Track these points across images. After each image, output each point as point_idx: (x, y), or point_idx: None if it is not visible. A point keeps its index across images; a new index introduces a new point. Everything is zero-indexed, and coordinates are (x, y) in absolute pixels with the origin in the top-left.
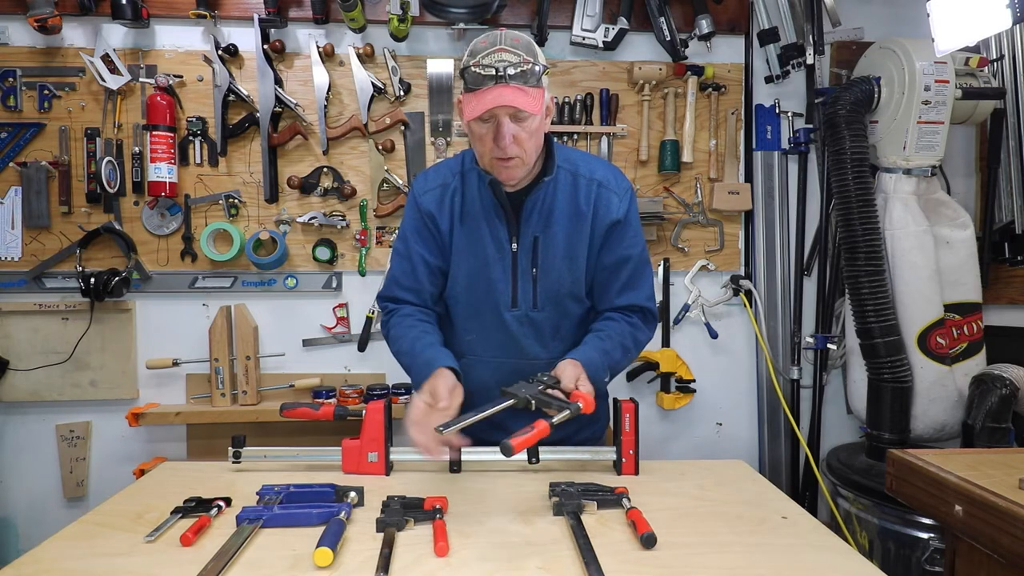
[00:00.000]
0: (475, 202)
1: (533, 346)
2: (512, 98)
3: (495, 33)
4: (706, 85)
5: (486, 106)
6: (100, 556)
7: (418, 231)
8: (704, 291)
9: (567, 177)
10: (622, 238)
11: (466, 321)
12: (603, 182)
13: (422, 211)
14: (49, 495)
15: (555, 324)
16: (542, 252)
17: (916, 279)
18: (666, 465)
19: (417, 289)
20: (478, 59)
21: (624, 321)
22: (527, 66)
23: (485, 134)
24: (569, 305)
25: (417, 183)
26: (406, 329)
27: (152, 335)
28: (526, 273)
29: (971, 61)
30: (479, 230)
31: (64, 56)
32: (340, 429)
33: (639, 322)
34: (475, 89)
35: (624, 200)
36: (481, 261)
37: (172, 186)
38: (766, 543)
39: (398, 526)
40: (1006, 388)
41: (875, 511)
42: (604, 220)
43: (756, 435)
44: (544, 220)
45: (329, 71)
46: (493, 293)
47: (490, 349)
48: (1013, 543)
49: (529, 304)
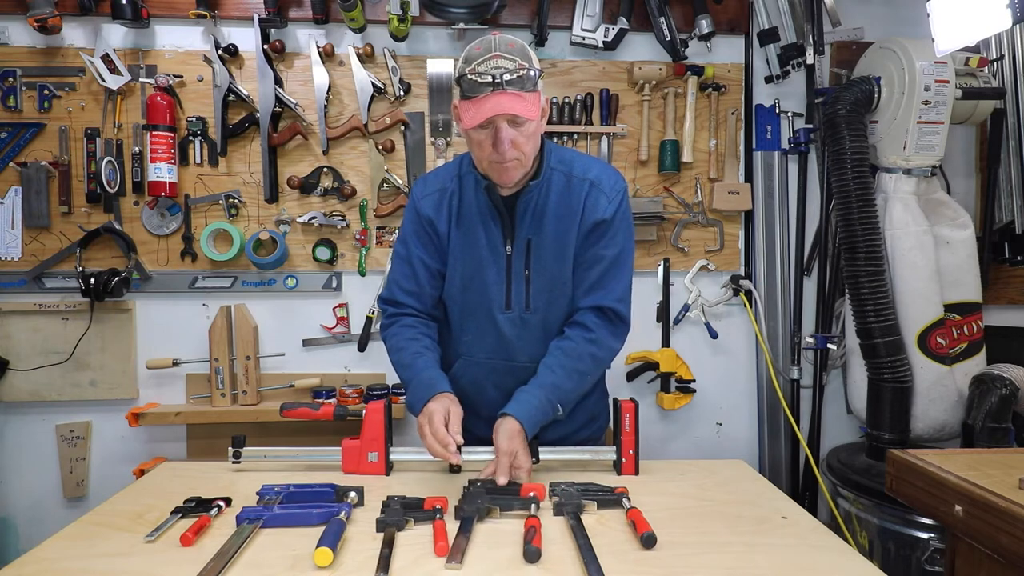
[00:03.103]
0: (471, 205)
1: (526, 347)
2: (510, 105)
3: (489, 39)
4: (706, 85)
5: (485, 115)
6: (100, 556)
7: (417, 235)
8: (704, 291)
9: (561, 178)
10: (601, 238)
11: (462, 323)
12: (595, 182)
13: (421, 216)
14: (49, 495)
15: (548, 325)
16: (535, 254)
17: (916, 279)
18: (666, 465)
19: (418, 293)
20: (474, 66)
21: (583, 340)
22: (523, 71)
23: (483, 140)
24: (562, 306)
25: (416, 188)
26: (408, 341)
27: (152, 335)
28: (519, 275)
29: (971, 61)
30: (475, 233)
31: (64, 56)
32: (340, 429)
33: (602, 333)
34: (472, 96)
35: (613, 201)
36: (476, 263)
37: (172, 186)
38: (766, 543)
39: (398, 526)
40: (1006, 388)
41: (875, 511)
42: (590, 219)
43: (756, 435)
44: (537, 222)
45: (329, 71)
46: (487, 295)
47: (484, 350)
48: (1013, 543)
49: (522, 306)
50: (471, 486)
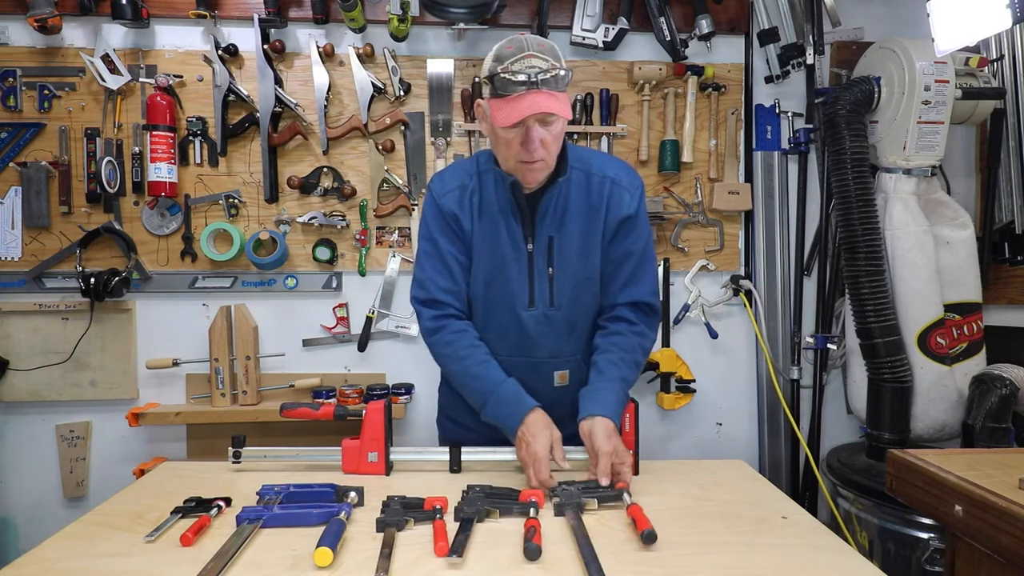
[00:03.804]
0: (492, 203)
1: (550, 344)
2: (547, 104)
3: (520, 38)
4: (706, 85)
5: (522, 113)
6: (100, 556)
7: (443, 231)
8: (704, 291)
9: (580, 176)
10: (629, 233)
11: (484, 320)
12: (616, 179)
13: (445, 212)
14: (49, 495)
15: (572, 321)
16: (557, 251)
17: (916, 279)
18: (666, 465)
19: (456, 291)
20: (506, 65)
21: (631, 333)
22: (555, 71)
23: (513, 139)
24: (585, 302)
25: (435, 185)
26: (469, 349)
27: (152, 335)
28: (542, 273)
29: (971, 61)
30: (497, 230)
31: (64, 56)
32: (340, 429)
33: (644, 326)
34: (505, 95)
35: (635, 197)
36: (499, 261)
37: (172, 186)
38: (766, 543)
39: (398, 526)
40: (1006, 388)
41: (875, 511)
42: (616, 216)
43: (756, 435)
44: (558, 220)
45: (329, 71)
46: (510, 293)
47: (507, 348)
48: (1013, 543)
49: (546, 303)
50: (470, 490)
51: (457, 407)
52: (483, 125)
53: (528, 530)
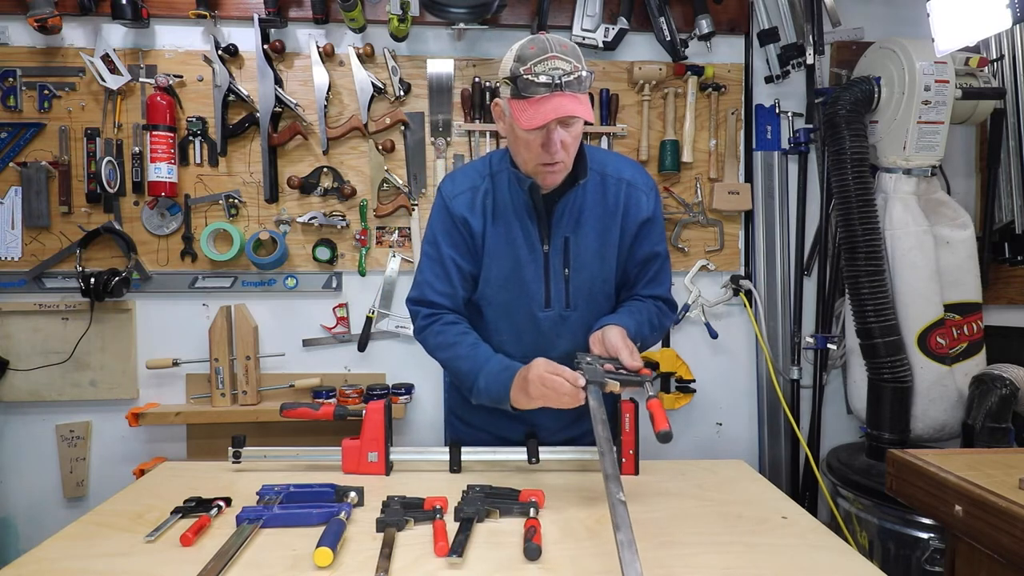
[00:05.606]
0: (507, 204)
1: (566, 345)
2: (572, 107)
3: (542, 38)
4: (706, 85)
5: (547, 116)
6: (100, 556)
7: (449, 234)
8: (704, 291)
9: (595, 177)
10: (650, 234)
11: (498, 322)
12: (632, 181)
13: (454, 215)
14: (49, 495)
15: (587, 322)
16: (573, 252)
17: (916, 279)
18: (666, 465)
19: (451, 293)
20: (530, 66)
21: (651, 303)
22: (578, 73)
23: (533, 140)
24: (601, 303)
25: (445, 187)
26: (460, 335)
27: (152, 335)
28: (558, 274)
29: (971, 61)
30: (512, 231)
31: (64, 56)
32: (340, 429)
33: (664, 307)
34: (528, 97)
35: (651, 198)
36: (514, 262)
37: (172, 186)
38: (766, 543)
39: (398, 526)
40: (1006, 388)
41: (875, 511)
42: (635, 218)
43: (756, 435)
44: (574, 221)
45: (329, 71)
46: (526, 294)
47: (522, 349)
48: (1013, 543)
49: (562, 304)
50: (470, 490)
51: (465, 406)
52: (501, 125)
53: (528, 530)
